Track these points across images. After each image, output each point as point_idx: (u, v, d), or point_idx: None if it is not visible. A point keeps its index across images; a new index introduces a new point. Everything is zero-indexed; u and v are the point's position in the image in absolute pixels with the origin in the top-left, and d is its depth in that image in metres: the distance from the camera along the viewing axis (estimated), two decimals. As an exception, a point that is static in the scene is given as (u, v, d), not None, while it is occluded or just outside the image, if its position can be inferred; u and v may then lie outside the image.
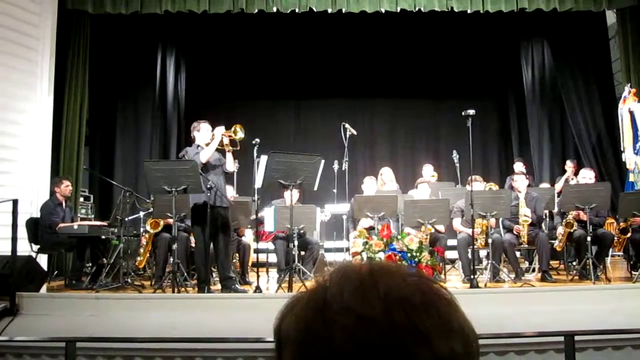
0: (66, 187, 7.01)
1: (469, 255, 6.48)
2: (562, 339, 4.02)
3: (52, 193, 7.08)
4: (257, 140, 5.99)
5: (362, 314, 0.62)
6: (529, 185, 7.24)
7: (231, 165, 6.05)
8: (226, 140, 5.93)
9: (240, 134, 5.89)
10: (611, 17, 9.18)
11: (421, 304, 0.64)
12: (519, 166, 9.16)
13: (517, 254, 7.09)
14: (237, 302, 5.46)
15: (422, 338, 0.61)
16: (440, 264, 6.70)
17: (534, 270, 7.17)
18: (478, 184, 6.89)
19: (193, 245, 6.98)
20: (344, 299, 0.64)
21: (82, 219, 7.85)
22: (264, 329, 0.73)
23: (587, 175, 7.00)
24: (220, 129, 5.90)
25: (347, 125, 7.59)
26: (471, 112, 6.02)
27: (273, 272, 7.53)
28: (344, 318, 0.62)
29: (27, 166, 7.32)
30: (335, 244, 8.05)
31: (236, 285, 5.96)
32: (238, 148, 6.01)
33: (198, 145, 6.03)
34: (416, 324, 0.62)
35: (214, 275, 6.54)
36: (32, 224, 6.77)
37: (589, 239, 6.11)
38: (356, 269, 0.68)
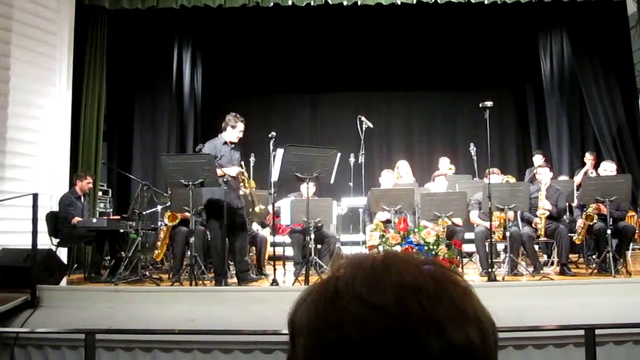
0: (88, 182, 7.09)
1: (487, 249, 6.43)
2: (582, 332, 3.98)
3: (72, 186, 7.16)
4: (273, 133, 6.00)
5: (374, 303, 0.61)
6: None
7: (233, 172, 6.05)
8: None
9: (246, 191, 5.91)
10: (632, 6, 9.00)
11: (434, 292, 0.62)
12: (538, 159, 9.06)
13: (536, 247, 7.02)
14: (255, 295, 5.49)
15: (435, 326, 0.60)
16: (458, 257, 6.65)
17: (552, 263, 7.10)
18: (496, 177, 6.83)
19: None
20: (356, 288, 0.63)
21: (101, 213, 7.94)
22: (281, 321, 0.72)
23: (609, 168, 6.90)
24: (237, 170, 5.96)
25: (363, 118, 7.57)
26: (489, 104, 5.97)
27: (290, 266, 7.54)
28: (356, 307, 0.62)
29: (47, 161, 7.40)
30: (351, 238, 8.04)
31: (251, 275, 6.00)
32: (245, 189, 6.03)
33: (225, 142, 6.03)
34: (429, 312, 0.61)
35: (231, 268, 6.58)
36: (51, 217, 6.85)
37: (609, 231, 6.03)
38: (369, 258, 0.67)
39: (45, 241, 6.51)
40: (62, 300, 5.33)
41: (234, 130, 6.06)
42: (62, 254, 7.04)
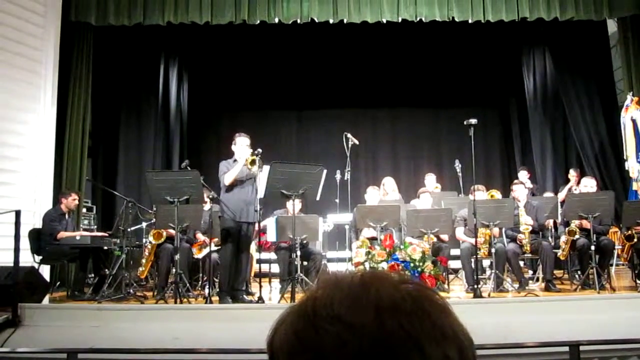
0: (73, 200, 7.04)
1: (472, 265, 6.45)
2: (567, 349, 4.00)
3: (56, 203, 7.10)
4: (260, 150, 5.99)
5: (353, 322, 0.61)
6: (533, 195, 7.22)
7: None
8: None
9: (254, 169, 5.88)
10: (612, 25, 9.20)
11: (413, 311, 0.63)
12: (523, 175, 9.14)
13: (521, 263, 7.06)
14: (240, 312, 5.45)
15: (414, 345, 0.61)
16: (444, 273, 6.69)
17: (537, 279, 7.14)
18: (481, 194, 6.87)
19: (195, 255, 7.01)
20: (334, 308, 0.63)
21: (85, 230, 7.86)
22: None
23: (589, 184, 6.99)
24: (244, 154, 5.93)
25: (349, 135, 7.61)
26: (473, 121, 6.02)
27: (275, 283, 7.51)
28: (334, 327, 0.62)
29: (30, 177, 7.33)
30: (337, 254, 8.03)
31: (244, 297, 5.97)
32: (255, 172, 6.00)
33: (235, 160, 6.04)
34: (408, 330, 0.61)
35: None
36: (34, 234, 6.77)
37: (592, 247, 6.09)
38: (347, 277, 0.67)
39: (28, 259, 6.42)
40: (44, 319, 5.25)
41: (236, 147, 6.08)
42: (45, 271, 6.95)
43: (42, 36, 7.54)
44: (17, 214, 5.45)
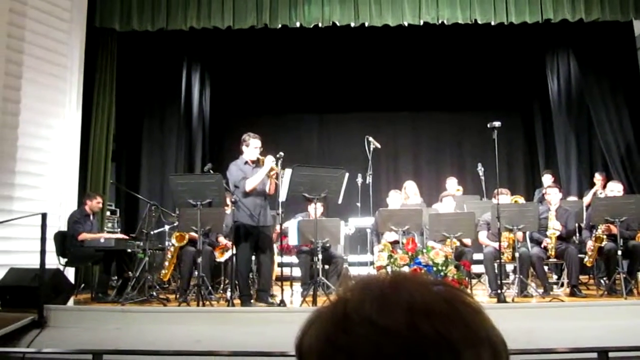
0: (98, 202, 7.13)
1: (496, 270, 6.40)
2: (595, 355, 3.92)
3: (81, 204, 7.19)
4: (282, 153, 6.00)
5: (385, 325, 0.60)
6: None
7: (271, 188, 6.07)
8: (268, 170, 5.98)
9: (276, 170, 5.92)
10: (639, 26, 9.03)
11: (447, 313, 0.61)
12: (547, 179, 9.02)
13: (546, 268, 6.97)
14: (261, 315, 5.46)
15: (448, 348, 0.59)
16: (467, 278, 6.61)
17: (562, 284, 7.03)
18: (504, 197, 6.80)
19: (217, 259, 7.05)
20: (365, 310, 0.62)
21: (109, 232, 7.94)
22: (288, 343, 0.71)
23: (615, 189, 6.87)
24: (270, 160, 5.93)
25: (370, 139, 7.58)
26: (497, 124, 5.96)
27: (297, 286, 7.51)
28: (366, 330, 0.61)
29: (56, 181, 7.44)
30: (359, 258, 8.02)
31: (268, 298, 5.98)
32: (277, 179, 5.99)
33: (246, 162, 6.05)
34: (442, 334, 0.60)
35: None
36: (60, 237, 6.87)
37: (619, 252, 5.97)
38: (377, 279, 0.66)
39: (53, 261, 6.51)
40: (69, 321, 5.32)
41: (249, 149, 6.09)
42: (70, 274, 7.04)
43: (68, 42, 7.66)
44: (43, 216, 5.53)
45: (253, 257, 6.43)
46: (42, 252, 5.43)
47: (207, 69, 11.62)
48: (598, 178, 8.89)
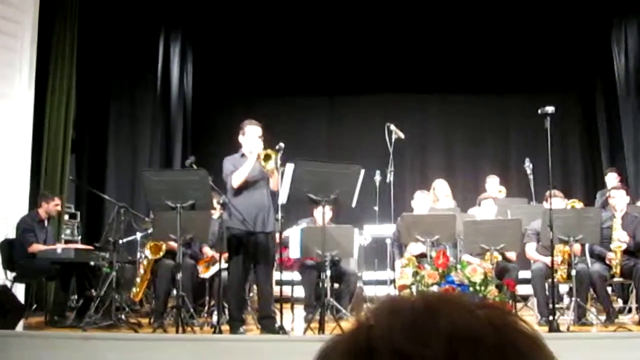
0: (55, 205, 7.16)
1: (547, 291, 6.41)
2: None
3: (34, 207, 7.21)
4: (282, 145, 5.98)
5: (421, 358, 0.60)
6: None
7: (274, 183, 6.00)
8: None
9: (271, 164, 5.83)
10: None
11: (496, 344, 0.61)
12: (611, 178, 8.98)
13: (609, 289, 6.95)
14: (255, 345, 5.46)
15: None
16: (510, 301, 6.61)
17: (630, 310, 7.01)
18: (558, 201, 6.77)
19: (201, 274, 7.05)
20: (395, 340, 0.62)
21: (67, 242, 7.97)
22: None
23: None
24: (257, 147, 5.88)
25: (392, 127, 7.57)
26: (550, 109, 5.95)
27: (299, 309, 7.53)
28: None
29: (2, 177, 7.47)
30: (376, 275, 8.02)
31: (276, 326, 5.93)
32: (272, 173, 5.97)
33: (242, 154, 6.04)
34: None
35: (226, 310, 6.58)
36: (6, 247, 6.90)
37: None
38: (407, 302, 0.66)
39: (-1, 275, 6.55)
40: (18, 348, 5.34)
41: (245, 138, 6.07)
42: (19, 291, 7.07)
43: (19, 5, 7.68)
44: (-13, 220, 5.56)
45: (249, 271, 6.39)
46: (-15, 265, 5.45)
47: (189, 39, 11.62)
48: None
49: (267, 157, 5.79)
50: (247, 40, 11.29)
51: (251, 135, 6.03)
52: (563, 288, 7.25)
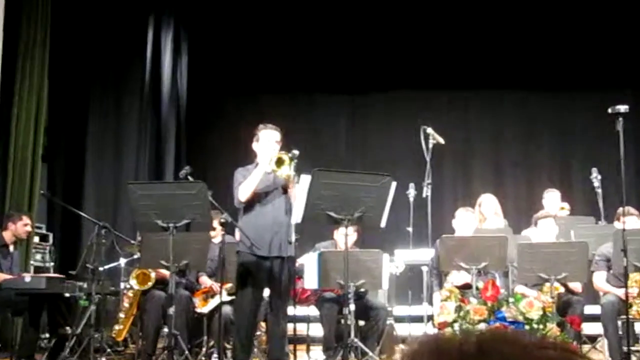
0: (24, 225, 7.21)
1: (620, 330, 6.38)
2: None
3: None
4: (295, 152, 5.97)
5: None
6: None
7: (292, 194, 6.00)
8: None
9: (285, 169, 5.79)
10: None
11: None
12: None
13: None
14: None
15: None
16: (575, 341, 6.56)
17: None
18: (633, 220, 6.73)
19: (198, 309, 7.04)
20: None
21: (37, 269, 7.98)
22: None
23: None
24: (268, 152, 5.89)
25: (429, 131, 7.54)
26: (622, 108, 5.94)
27: (317, 351, 7.52)
28: None
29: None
30: (411, 310, 8.00)
31: None
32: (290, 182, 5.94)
33: (257, 165, 6.04)
34: None
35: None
36: (-35, 275, 6.92)
37: None
38: (453, 343, 0.66)
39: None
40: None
41: (259, 145, 6.10)
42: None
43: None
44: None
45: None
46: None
47: (183, 27, 11.70)
48: None
49: (279, 162, 5.76)
50: (253, 27, 11.37)
51: (267, 140, 6.03)
52: (639, 326, 7.17)
